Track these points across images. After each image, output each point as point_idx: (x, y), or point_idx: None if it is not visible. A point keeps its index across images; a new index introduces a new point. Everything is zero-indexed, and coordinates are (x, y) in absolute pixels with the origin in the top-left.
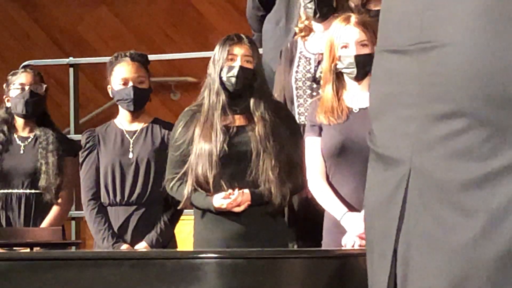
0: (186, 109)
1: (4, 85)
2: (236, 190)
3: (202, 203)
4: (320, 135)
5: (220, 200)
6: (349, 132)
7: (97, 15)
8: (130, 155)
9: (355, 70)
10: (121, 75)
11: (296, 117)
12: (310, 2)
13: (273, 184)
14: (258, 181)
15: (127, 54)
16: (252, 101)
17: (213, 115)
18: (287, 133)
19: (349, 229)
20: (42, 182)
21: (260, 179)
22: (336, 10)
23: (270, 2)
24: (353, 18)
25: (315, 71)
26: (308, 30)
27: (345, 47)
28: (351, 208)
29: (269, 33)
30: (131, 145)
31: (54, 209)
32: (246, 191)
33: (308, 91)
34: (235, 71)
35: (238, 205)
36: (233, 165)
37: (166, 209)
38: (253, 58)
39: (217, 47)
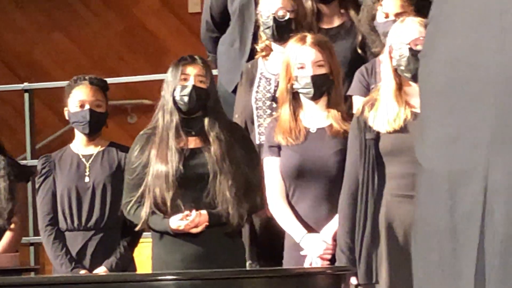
0: (141, 132)
1: None
2: (194, 211)
3: (159, 226)
4: (279, 155)
5: (177, 222)
6: (306, 153)
7: (52, 40)
8: (87, 179)
9: (312, 90)
10: (79, 97)
11: (257, 137)
12: (268, 28)
13: (230, 204)
14: (215, 202)
15: (86, 78)
16: (206, 121)
17: (168, 135)
18: (242, 153)
19: (308, 251)
20: None
21: (217, 200)
22: (294, 31)
23: (224, 24)
24: (309, 38)
25: (275, 91)
26: (269, 49)
27: (302, 67)
28: (310, 229)
29: (223, 55)
30: (87, 170)
31: (7, 235)
32: (204, 212)
33: (268, 111)
34: (188, 90)
35: (196, 226)
36: (190, 186)
37: (125, 233)
38: (206, 78)
39: (170, 68)
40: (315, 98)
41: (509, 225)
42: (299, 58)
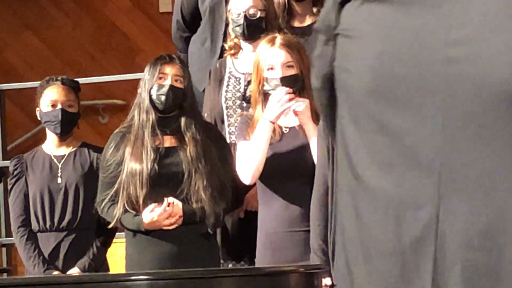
0: (116, 130)
1: None
2: (166, 200)
3: (131, 224)
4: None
5: (149, 214)
6: (278, 150)
7: (22, 41)
8: (59, 180)
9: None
10: (50, 97)
11: (227, 136)
12: (238, 26)
13: (206, 204)
14: (189, 202)
15: (58, 78)
16: (183, 121)
17: (143, 134)
18: (217, 152)
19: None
20: None
21: (192, 200)
22: (265, 30)
23: (194, 23)
24: (278, 39)
25: (245, 90)
26: (238, 47)
27: (271, 69)
28: (283, 229)
29: (194, 54)
30: (59, 170)
31: None
32: (178, 202)
33: (238, 110)
34: (165, 90)
35: (169, 217)
36: (164, 185)
37: (99, 233)
38: (183, 78)
39: (147, 66)
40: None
41: (465, 251)
42: (268, 59)
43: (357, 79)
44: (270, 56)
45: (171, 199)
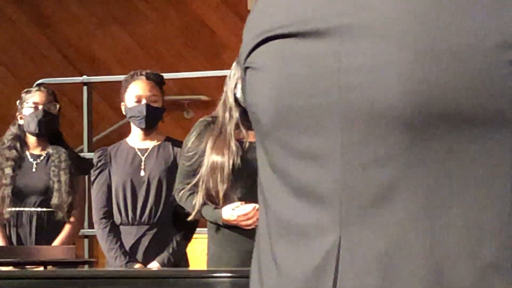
0: (200, 119)
1: (18, 102)
2: (249, 205)
3: (210, 216)
4: None
5: (229, 212)
6: None
7: (111, 34)
8: (142, 173)
9: None
10: (135, 92)
11: None
12: None
13: None
14: None
15: (143, 73)
16: None
17: (227, 129)
18: None
19: None
20: (54, 200)
21: None
22: None
23: None
24: None
25: None
26: None
27: None
28: None
29: None
30: (142, 163)
31: (66, 227)
32: (257, 206)
33: None
34: None
35: (248, 219)
36: (244, 180)
37: (179, 227)
38: None
39: (234, 64)
40: None
41: (362, 277)
42: None
43: (261, 111)
44: None
45: (250, 204)
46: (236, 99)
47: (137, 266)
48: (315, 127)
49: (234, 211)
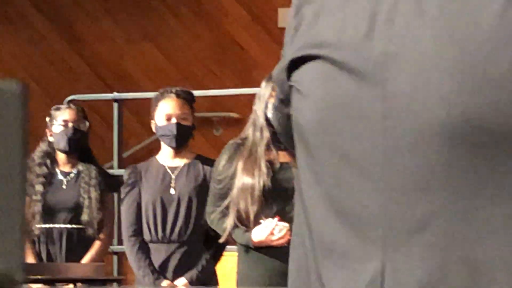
0: (230, 142)
1: (48, 119)
2: (276, 219)
3: (241, 238)
4: None
5: (259, 233)
6: None
7: (141, 50)
8: (172, 191)
9: None
10: (165, 111)
11: None
12: None
13: None
14: None
15: (173, 90)
16: None
17: (257, 150)
18: None
19: None
20: (84, 217)
21: None
22: None
23: None
24: None
25: None
26: None
27: None
28: None
29: None
30: (173, 181)
31: (96, 244)
32: (286, 225)
33: None
34: None
35: (278, 239)
36: (275, 201)
37: (209, 246)
38: None
39: (263, 83)
40: None
41: None
42: None
43: (306, 131)
44: None
45: (280, 224)
46: (267, 119)
47: (165, 282)
48: (358, 152)
49: (263, 233)
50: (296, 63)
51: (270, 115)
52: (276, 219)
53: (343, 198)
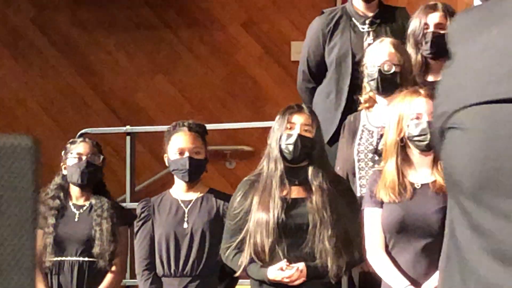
0: (245, 178)
1: (62, 153)
2: (292, 266)
3: (256, 274)
4: (381, 206)
5: (275, 272)
6: (411, 209)
7: (154, 84)
8: (185, 225)
9: (427, 137)
10: (178, 145)
11: (358, 189)
12: (373, 80)
13: (329, 255)
14: (314, 252)
15: (185, 124)
16: (310, 170)
17: (271, 183)
18: (344, 205)
19: None
20: (96, 249)
21: (316, 251)
22: (399, 85)
23: (320, 75)
24: (422, 90)
25: (377, 143)
26: (372, 101)
27: (417, 118)
28: (412, 280)
29: (319, 106)
30: (186, 215)
31: (108, 277)
32: (302, 266)
33: (370, 163)
34: (293, 139)
35: (293, 281)
36: (290, 235)
37: (222, 279)
38: (312, 127)
39: (277, 116)
40: (428, 147)
41: None
42: (414, 109)
43: (463, 172)
44: (416, 106)
45: (295, 265)
46: (281, 151)
47: None
48: None
49: (279, 272)
50: None
51: (283, 146)
52: (292, 267)
53: (504, 237)
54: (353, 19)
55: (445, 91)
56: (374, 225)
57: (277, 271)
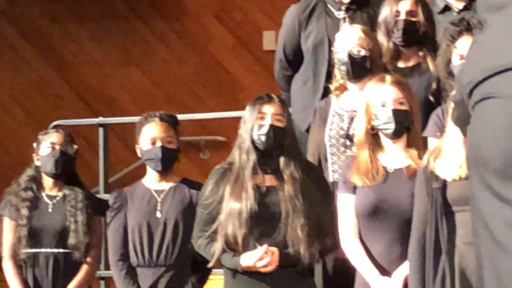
0: (216, 167)
1: (35, 144)
2: (265, 245)
3: (229, 263)
4: (354, 192)
5: (247, 259)
6: (383, 193)
7: (127, 75)
8: (158, 215)
9: (393, 124)
10: (150, 134)
11: (330, 174)
12: (343, 64)
13: (302, 243)
14: (287, 241)
15: (157, 114)
16: (282, 160)
17: (244, 174)
18: (317, 192)
19: None
20: (71, 241)
21: (289, 239)
22: (370, 71)
23: (297, 62)
24: (388, 77)
25: (348, 128)
26: (343, 88)
27: (383, 105)
28: (382, 269)
29: (296, 93)
30: (159, 205)
31: (83, 268)
32: (275, 249)
33: (342, 148)
34: (265, 130)
35: (266, 265)
36: (262, 225)
37: (195, 269)
38: (283, 117)
39: (247, 107)
40: (396, 134)
41: None
42: (380, 96)
43: (493, 148)
44: (382, 93)
45: (269, 248)
46: (253, 142)
47: None
48: None
49: (251, 258)
50: None
51: (255, 137)
52: (265, 246)
53: None
54: (328, 5)
55: (475, 59)
56: (347, 211)
57: (250, 257)
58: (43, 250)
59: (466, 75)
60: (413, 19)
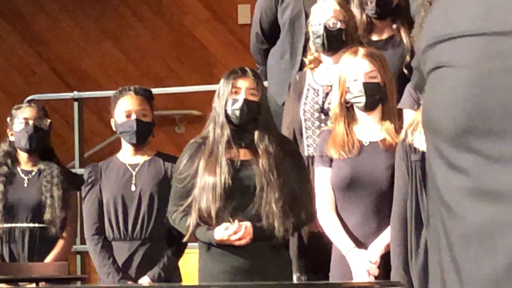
0: (191, 141)
1: (8, 119)
2: (236, 221)
3: (203, 237)
4: (330, 166)
5: (221, 232)
6: (359, 165)
7: (101, 50)
8: (133, 188)
9: (363, 98)
10: (125, 107)
11: (305, 148)
12: (318, 37)
13: (276, 217)
14: (261, 215)
15: (131, 88)
16: (256, 134)
17: (218, 148)
18: (291, 166)
19: (354, 266)
20: (47, 216)
21: (263, 212)
22: (345, 43)
23: (274, 36)
24: (361, 50)
25: (323, 102)
26: (317, 62)
27: (355, 80)
28: (358, 242)
29: (273, 67)
30: (133, 178)
31: (59, 243)
32: (248, 224)
33: (317, 123)
34: (239, 104)
35: (240, 239)
36: (236, 198)
37: (170, 243)
38: (257, 91)
39: (221, 81)
40: (367, 107)
41: None
42: (352, 70)
43: (447, 116)
44: (354, 67)
45: (241, 223)
46: (227, 116)
47: (129, 283)
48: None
49: (225, 232)
50: None
51: (229, 111)
52: (236, 222)
53: (488, 179)
54: None
55: (430, 25)
56: (323, 184)
57: (224, 231)
58: (18, 224)
59: (422, 41)
60: None
